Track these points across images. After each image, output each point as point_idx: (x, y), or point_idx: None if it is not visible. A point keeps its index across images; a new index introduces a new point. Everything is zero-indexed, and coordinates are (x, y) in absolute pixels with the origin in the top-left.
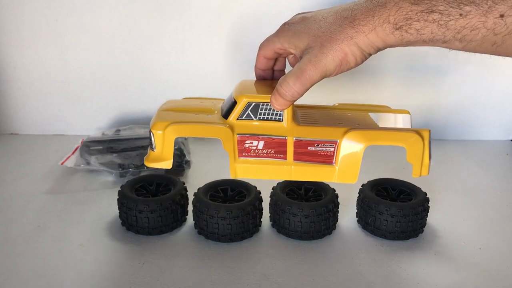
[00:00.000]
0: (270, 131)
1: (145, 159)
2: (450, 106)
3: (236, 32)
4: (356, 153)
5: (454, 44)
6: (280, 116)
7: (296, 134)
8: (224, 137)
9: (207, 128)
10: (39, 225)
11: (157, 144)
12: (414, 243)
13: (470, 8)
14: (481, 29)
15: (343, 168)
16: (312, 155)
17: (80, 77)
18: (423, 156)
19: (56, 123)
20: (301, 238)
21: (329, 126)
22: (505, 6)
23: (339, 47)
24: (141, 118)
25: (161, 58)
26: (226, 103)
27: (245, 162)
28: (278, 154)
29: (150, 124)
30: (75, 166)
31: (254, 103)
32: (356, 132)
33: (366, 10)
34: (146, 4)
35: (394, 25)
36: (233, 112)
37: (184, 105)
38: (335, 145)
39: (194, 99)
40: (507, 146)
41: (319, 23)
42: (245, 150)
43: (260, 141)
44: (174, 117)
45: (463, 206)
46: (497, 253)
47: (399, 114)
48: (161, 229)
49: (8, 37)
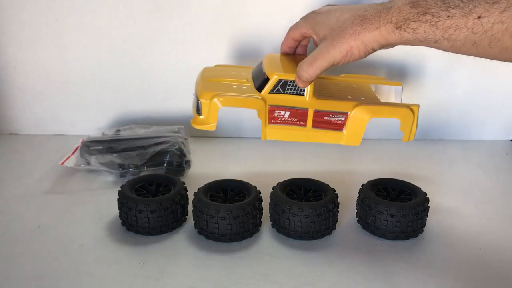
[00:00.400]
0: (295, 103)
1: (192, 122)
2: (450, 106)
3: (236, 32)
4: (361, 123)
5: (443, 43)
6: (303, 92)
7: (316, 106)
8: (258, 108)
9: (246, 100)
10: (39, 225)
11: (203, 111)
12: (414, 243)
13: (455, 11)
14: (463, 28)
15: (350, 134)
16: (327, 123)
17: (80, 77)
18: (412, 126)
19: (56, 123)
20: (301, 238)
21: (341, 100)
22: (482, 9)
23: (346, 41)
24: (141, 118)
25: (161, 58)
26: (258, 76)
27: (273, 127)
28: (300, 122)
29: (196, 91)
30: (75, 166)
31: (283, 80)
32: (363, 107)
33: (375, 11)
34: (146, 4)
35: (395, 25)
36: (266, 87)
37: (222, 75)
38: (345, 116)
39: (227, 67)
40: (507, 146)
41: (338, 17)
42: (274, 118)
43: (286, 111)
44: (217, 87)
45: (463, 206)
46: (497, 253)
47: (392, 85)
48: (161, 229)
49: (8, 37)
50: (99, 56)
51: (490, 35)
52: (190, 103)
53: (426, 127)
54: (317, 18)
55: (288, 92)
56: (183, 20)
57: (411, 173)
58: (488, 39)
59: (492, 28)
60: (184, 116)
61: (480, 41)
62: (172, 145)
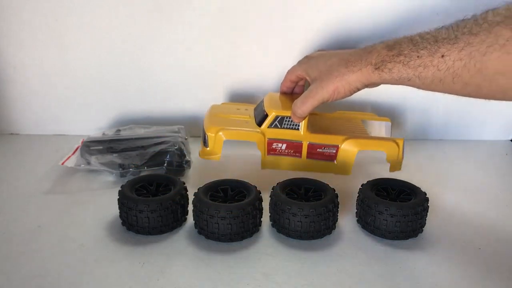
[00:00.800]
0: (291, 137)
1: (200, 153)
2: (450, 106)
3: (236, 32)
4: (351, 155)
5: (416, 81)
6: (298, 126)
7: (309, 139)
8: (258, 141)
9: (247, 134)
10: (39, 225)
11: (210, 143)
12: (414, 243)
13: (424, 51)
14: (430, 66)
15: (341, 165)
16: (319, 155)
17: (80, 77)
18: (397, 157)
19: (56, 123)
20: (301, 238)
21: (332, 134)
22: (445, 48)
23: (332, 82)
24: (141, 118)
25: (161, 58)
26: (259, 113)
27: (272, 158)
28: (296, 153)
29: (204, 126)
30: (76, 166)
31: (280, 116)
32: (351, 140)
33: (358, 55)
34: (146, 4)
35: (374, 66)
36: (265, 122)
37: (227, 111)
38: (336, 148)
39: (232, 104)
40: (507, 146)
41: (326, 61)
42: (273, 149)
43: (283, 144)
44: (222, 122)
45: (463, 206)
46: (497, 253)
47: (382, 121)
48: (161, 229)
49: (8, 37)
50: (99, 56)
51: (452, 71)
52: (190, 103)
53: (426, 127)
54: (310, 62)
55: (284, 127)
56: (183, 20)
57: (411, 173)
58: (451, 75)
59: (454, 65)
60: (184, 116)
61: (445, 78)
62: (172, 145)
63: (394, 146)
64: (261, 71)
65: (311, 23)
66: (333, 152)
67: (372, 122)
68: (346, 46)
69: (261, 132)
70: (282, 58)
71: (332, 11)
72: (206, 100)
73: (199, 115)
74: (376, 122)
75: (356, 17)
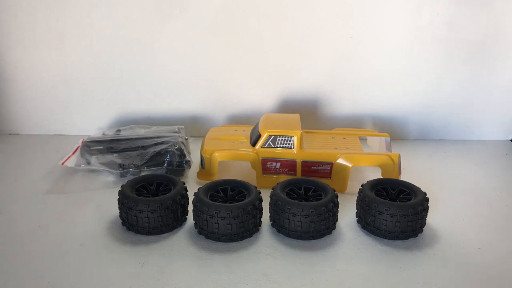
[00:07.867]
0: (285, 156)
1: (198, 174)
2: (450, 106)
3: (236, 32)
4: (345, 172)
5: None
6: (291, 145)
7: (303, 157)
8: (251, 160)
9: (240, 154)
10: (39, 225)
11: (206, 164)
12: (414, 243)
13: None
14: None
15: (336, 181)
16: (314, 172)
17: (80, 77)
18: (393, 173)
19: (56, 123)
20: (301, 238)
21: (326, 151)
22: None
23: None
24: (141, 118)
25: (161, 58)
26: (253, 133)
27: (267, 177)
28: (290, 171)
29: (201, 149)
30: (76, 166)
31: (273, 136)
32: (345, 157)
33: None
34: (146, 4)
35: None
36: (259, 142)
37: (224, 134)
38: (331, 165)
39: (231, 126)
40: (507, 146)
41: None
42: (267, 168)
43: (277, 163)
44: (218, 145)
45: (463, 206)
46: (497, 253)
47: (382, 137)
48: (161, 229)
49: (8, 37)
50: (99, 56)
51: None
52: (190, 103)
53: (426, 127)
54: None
55: (278, 146)
56: (183, 20)
57: (411, 173)
58: None
59: None
60: (184, 116)
61: None
62: (172, 145)
63: (389, 161)
64: (261, 71)
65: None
66: (328, 169)
67: (372, 138)
68: None
69: (255, 152)
70: (282, 57)
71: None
72: (206, 100)
73: (199, 115)
74: (376, 138)
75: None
